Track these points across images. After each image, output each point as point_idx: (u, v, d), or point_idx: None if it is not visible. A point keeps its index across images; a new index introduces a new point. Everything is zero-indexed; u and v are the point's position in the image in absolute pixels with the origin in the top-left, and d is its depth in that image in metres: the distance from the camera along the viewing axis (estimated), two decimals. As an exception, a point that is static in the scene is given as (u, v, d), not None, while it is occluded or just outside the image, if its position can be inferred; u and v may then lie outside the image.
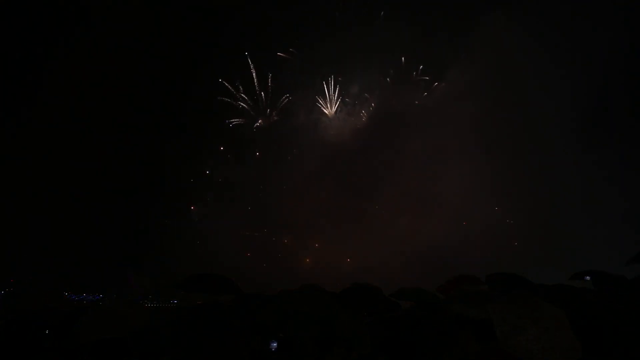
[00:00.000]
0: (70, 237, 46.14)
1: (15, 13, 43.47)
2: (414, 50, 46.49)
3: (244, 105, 51.33)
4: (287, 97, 51.13)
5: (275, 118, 51.74)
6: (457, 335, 4.35)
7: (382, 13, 47.17)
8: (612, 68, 36.58)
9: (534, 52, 39.47)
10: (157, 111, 49.88)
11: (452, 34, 43.69)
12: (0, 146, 44.70)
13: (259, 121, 51.94)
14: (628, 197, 36.43)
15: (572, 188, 38.15)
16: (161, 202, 49.37)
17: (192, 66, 47.74)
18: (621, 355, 3.39)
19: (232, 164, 48.76)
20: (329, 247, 43.72)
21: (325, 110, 50.78)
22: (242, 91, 50.97)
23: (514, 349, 2.84)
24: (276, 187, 48.42)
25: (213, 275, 8.17)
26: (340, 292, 8.67)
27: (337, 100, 50.56)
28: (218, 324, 4.45)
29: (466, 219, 42.15)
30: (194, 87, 49.53)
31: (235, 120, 51.56)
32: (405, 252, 39.73)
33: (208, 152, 49.90)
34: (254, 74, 50.41)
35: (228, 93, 50.98)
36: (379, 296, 8.83)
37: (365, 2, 47.30)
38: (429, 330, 4.27)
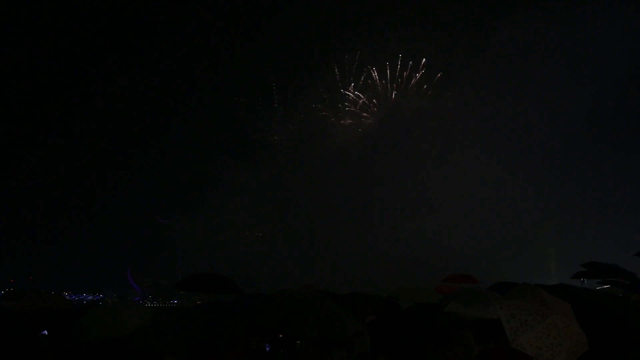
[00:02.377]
0: (71, 237, 46.13)
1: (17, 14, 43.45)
2: (428, 55, 46.49)
3: (261, 115, 51.54)
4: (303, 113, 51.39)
5: (292, 129, 51.96)
6: (456, 335, 4.34)
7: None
8: (623, 70, 36.60)
9: (546, 55, 39.57)
10: (164, 113, 49.87)
11: (464, 40, 43.63)
12: (0, 148, 44.71)
13: (275, 137, 52.14)
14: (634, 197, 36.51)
15: (578, 188, 38.24)
16: (162, 203, 49.33)
17: (206, 72, 47.79)
18: (622, 354, 3.39)
19: (243, 167, 48.84)
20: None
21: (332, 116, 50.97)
22: (260, 103, 51.24)
23: (523, 346, 2.81)
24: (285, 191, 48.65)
25: (213, 275, 8.15)
26: (341, 294, 8.66)
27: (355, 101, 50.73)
28: (218, 324, 4.45)
29: (470, 219, 42.22)
30: (206, 92, 49.55)
31: (254, 135, 51.72)
32: (410, 251, 39.80)
33: (214, 154, 49.85)
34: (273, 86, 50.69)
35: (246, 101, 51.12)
36: (379, 299, 8.88)
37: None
38: (429, 330, 4.26)
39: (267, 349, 4.90)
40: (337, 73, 49.58)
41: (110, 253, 46.41)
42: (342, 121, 51.13)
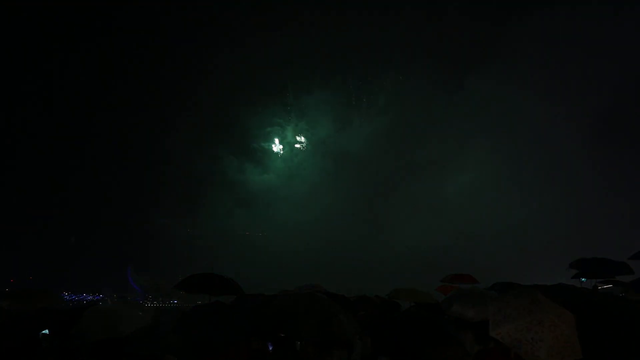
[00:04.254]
0: (70, 237, 46.14)
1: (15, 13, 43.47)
2: (434, 56, 46.52)
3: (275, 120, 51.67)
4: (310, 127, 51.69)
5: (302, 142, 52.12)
6: (456, 335, 4.35)
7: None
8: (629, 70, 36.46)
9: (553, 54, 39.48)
10: (165, 112, 49.73)
11: (476, 38, 43.40)
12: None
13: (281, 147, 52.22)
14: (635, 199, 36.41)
15: (581, 189, 38.20)
16: (162, 202, 49.35)
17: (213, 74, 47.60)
18: (621, 354, 3.39)
19: (246, 168, 48.96)
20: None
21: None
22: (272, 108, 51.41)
23: (502, 336, 2.81)
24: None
25: (213, 275, 8.17)
26: (341, 294, 8.70)
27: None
28: (218, 324, 4.46)
29: (473, 220, 42.30)
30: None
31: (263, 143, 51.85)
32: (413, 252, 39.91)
33: (217, 155, 49.78)
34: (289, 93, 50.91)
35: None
36: (379, 299, 8.93)
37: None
38: (429, 330, 4.28)
39: (270, 348, 4.91)
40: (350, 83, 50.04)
41: (110, 253, 46.34)
42: (350, 125, 51.40)
